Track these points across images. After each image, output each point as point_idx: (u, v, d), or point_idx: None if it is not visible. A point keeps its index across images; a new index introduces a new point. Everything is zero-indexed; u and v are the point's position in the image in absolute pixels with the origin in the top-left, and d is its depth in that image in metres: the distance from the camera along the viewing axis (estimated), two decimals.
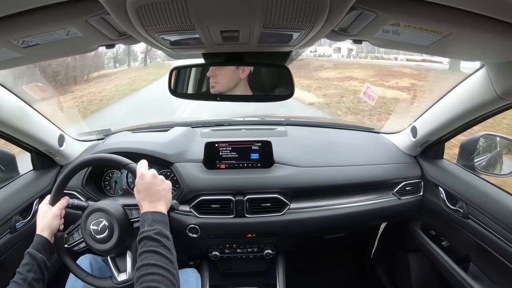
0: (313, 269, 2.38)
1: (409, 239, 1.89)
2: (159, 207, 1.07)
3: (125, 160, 1.25)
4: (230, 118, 2.29)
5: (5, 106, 1.28)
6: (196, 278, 1.50)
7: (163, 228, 1.00)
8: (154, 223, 1.01)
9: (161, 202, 1.09)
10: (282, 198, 1.58)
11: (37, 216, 1.21)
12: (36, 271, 1.06)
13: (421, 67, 10.55)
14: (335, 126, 2.17)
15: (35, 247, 1.11)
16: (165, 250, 0.95)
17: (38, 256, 1.09)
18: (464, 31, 0.74)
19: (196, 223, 1.56)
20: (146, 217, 1.03)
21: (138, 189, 1.10)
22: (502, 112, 1.23)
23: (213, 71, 1.15)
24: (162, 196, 1.10)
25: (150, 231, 0.98)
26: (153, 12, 0.62)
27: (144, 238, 0.97)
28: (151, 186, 1.09)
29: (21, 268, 1.06)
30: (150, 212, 1.04)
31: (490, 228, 1.32)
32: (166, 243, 0.97)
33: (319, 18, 0.65)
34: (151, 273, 0.89)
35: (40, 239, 1.14)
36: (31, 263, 1.07)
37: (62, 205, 1.25)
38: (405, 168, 1.74)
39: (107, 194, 1.74)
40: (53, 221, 1.20)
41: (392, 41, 0.87)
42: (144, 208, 1.07)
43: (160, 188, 1.11)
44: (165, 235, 0.99)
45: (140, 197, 1.09)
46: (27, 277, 1.03)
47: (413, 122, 1.69)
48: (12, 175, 1.61)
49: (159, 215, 1.04)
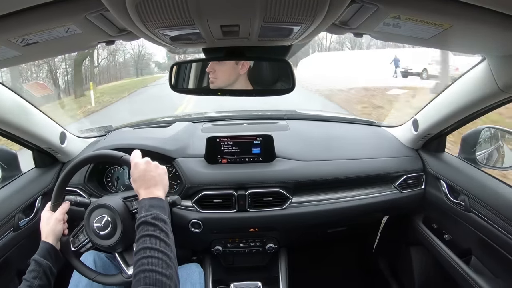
0: (316, 262, 2.39)
1: (411, 233, 1.89)
2: (156, 192, 1.07)
3: (118, 153, 1.25)
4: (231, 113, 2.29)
5: (6, 104, 1.28)
6: (199, 273, 1.51)
7: (160, 213, 1.00)
8: (151, 208, 1.01)
9: (157, 187, 1.09)
10: (284, 192, 1.59)
11: (40, 223, 1.21)
12: (42, 277, 1.07)
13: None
14: (336, 120, 2.16)
15: (41, 254, 1.11)
16: (162, 233, 0.95)
17: (44, 262, 1.09)
18: (466, 23, 0.73)
19: (199, 218, 1.57)
20: (143, 203, 1.03)
21: (134, 178, 1.10)
22: (504, 105, 1.23)
23: (212, 66, 1.15)
24: (158, 181, 1.10)
25: (147, 216, 0.98)
26: (152, 8, 0.61)
27: (141, 223, 0.97)
28: (145, 173, 1.09)
29: (27, 275, 1.06)
30: (148, 198, 1.05)
31: (491, 221, 1.32)
32: (163, 227, 0.97)
33: (320, 12, 0.65)
34: (147, 256, 0.89)
35: (45, 246, 1.14)
36: (37, 270, 1.07)
37: (63, 210, 1.25)
38: (406, 161, 1.74)
39: (109, 191, 1.74)
40: (57, 226, 1.20)
41: (393, 34, 0.87)
42: (141, 195, 1.07)
43: (155, 174, 1.11)
44: (162, 219, 0.99)
45: (137, 186, 1.09)
46: (33, 284, 1.04)
47: (415, 115, 1.68)
48: (14, 173, 1.61)
49: (156, 200, 1.04)
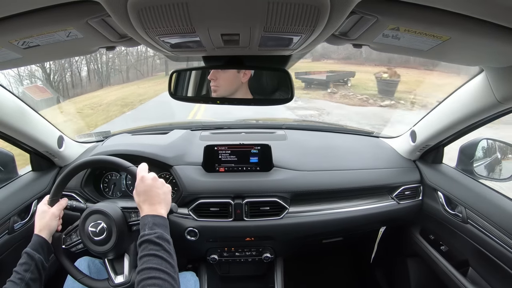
0: (312, 273, 2.37)
1: (408, 244, 1.88)
2: (160, 210, 1.06)
3: (126, 162, 1.25)
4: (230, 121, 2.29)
5: (5, 107, 1.28)
6: (195, 282, 1.50)
7: (164, 232, 1.00)
8: (155, 226, 1.00)
9: (161, 205, 1.08)
10: (281, 202, 1.58)
11: (35, 216, 1.20)
12: (33, 271, 1.05)
13: None
14: (334, 130, 2.17)
15: (33, 247, 1.10)
16: (166, 254, 0.95)
17: (36, 256, 1.08)
18: (464, 35, 0.74)
19: (195, 226, 1.56)
20: (146, 220, 1.02)
21: (138, 191, 1.09)
22: (502, 117, 1.23)
23: (214, 74, 1.15)
24: (162, 200, 1.10)
25: (151, 234, 0.97)
26: (154, 15, 0.62)
27: (145, 241, 0.96)
28: (151, 189, 1.09)
29: (18, 267, 1.05)
30: (151, 215, 1.04)
31: (489, 232, 1.31)
32: (167, 247, 0.97)
33: (319, 22, 0.65)
34: (152, 277, 0.88)
35: (38, 239, 1.13)
36: (28, 263, 1.06)
37: (61, 206, 1.25)
38: (404, 173, 1.74)
39: (105, 196, 1.73)
40: (52, 222, 1.19)
41: (392, 46, 0.87)
42: (144, 211, 1.06)
43: (160, 191, 1.11)
44: (166, 239, 0.98)
45: (140, 200, 1.08)
46: (25, 277, 1.02)
47: (413, 126, 1.69)
48: (11, 176, 1.60)
49: (159, 219, 1.04)
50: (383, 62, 16.27)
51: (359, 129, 2.23)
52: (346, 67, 18.39)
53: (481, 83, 1.15)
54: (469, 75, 1.22)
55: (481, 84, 1.15)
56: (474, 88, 1.21)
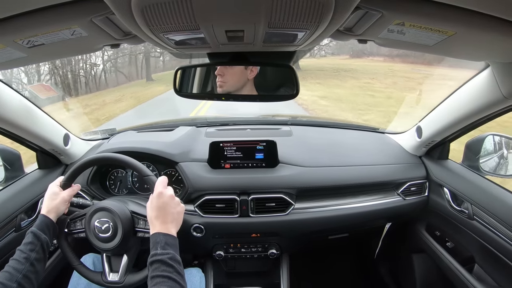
0: (317, 269, 2.38)
1: (414, 240, 1.88)
2: (171, 230, 1.07)
3: (147, 171, 1.25)
4: (235, 118, 2.29)
5: (11, 105, 1.29)
6: (200, 278, 1.51)
7: (175, 253, 1.00)
8: (167, 246, 1.00)
9: (173, 224, 1.09)
10: (287, 198, 1.58)
11: (45, 195, 1.21)
12: (39, 251, 1.06)
13: None
14: (340, 126, 2.16)
15: (39, 227, 1.10)
16: (179, 276, 0.95)
17: (42, 236, 1.08)
18: (470, 30, 0.73)
19: (201, 223, 1.57)
20: (159, 239, 1.02)
21: (152, 206, 1.10)
22: (508, 113, 1.22)
23: (222, 69, 1.15)
24: (175, 219, 1.10)
25: (164, 255, 0.97)
26: (158, 12, 0.62)
27: (157, 261, 0.96)
28: (166, 207, 1.09)
29: (23, 246, 1.05)
30: (163, 234, 1.04)
31: (495, 229, 1.31)
32: (179, 269, 0.97)
33: (324, 18, 0.65)
34: None
35: (45, 220, 1.14)
36: (34, 243, 1.06)
37: (73, 192, 1.25)
38: (410, 169, 1.73)
39: (111, 193, 1.75)
40: (61, 206, 1.20)
41: (397, 41, 0.87)
42: (156, 227, 1.06)
43: (174, 211, 1.11)
44: (177, 261, 0.99)
45: (153, 215, 1.08)
46: (30, 257, 1.02)
47: (418, 122, 1.68)
48: (17, 174, 1.61)
49: (171, 238, 1.04)
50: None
51: (364, 125, 2.22)
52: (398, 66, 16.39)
53: (487, 79, 1.14)
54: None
55: (487, 80, 1.14)
56: (480, 83, 1.20)
